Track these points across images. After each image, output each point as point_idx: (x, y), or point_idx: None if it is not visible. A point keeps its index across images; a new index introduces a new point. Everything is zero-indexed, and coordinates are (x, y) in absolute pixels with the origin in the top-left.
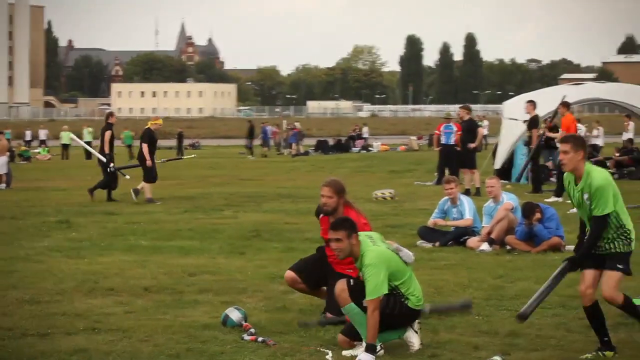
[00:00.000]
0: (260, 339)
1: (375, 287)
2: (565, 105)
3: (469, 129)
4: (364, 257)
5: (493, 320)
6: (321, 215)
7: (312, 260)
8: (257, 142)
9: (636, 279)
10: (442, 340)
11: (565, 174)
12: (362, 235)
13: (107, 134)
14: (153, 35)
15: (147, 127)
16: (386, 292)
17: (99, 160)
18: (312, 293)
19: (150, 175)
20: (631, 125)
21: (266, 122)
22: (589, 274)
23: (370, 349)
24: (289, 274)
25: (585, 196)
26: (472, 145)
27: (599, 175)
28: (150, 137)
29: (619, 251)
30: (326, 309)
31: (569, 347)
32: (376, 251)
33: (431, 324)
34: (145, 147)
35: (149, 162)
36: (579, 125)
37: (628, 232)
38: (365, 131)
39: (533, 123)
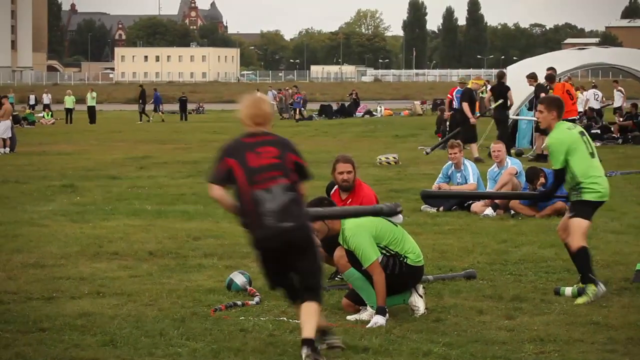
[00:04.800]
0: (239, 302)
1: (366, 253)
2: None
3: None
4: (344, 231)
5: (497, 285)
6: (332, 192)
7: None
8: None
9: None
10: (446, 304)
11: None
12: None
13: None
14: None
15: (467, 86)
16: (378, 254)
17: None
18: (329, 260)
19: (472, 134)
20: (619, 90)
21: (157, 88)
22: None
23: (381, 311)
24: None
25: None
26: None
27: (551, 135)
28: (470, 97)
29: (574, 200)
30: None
31: (573, 312)
32: (353, 221)
33: (436, 288)
34: (465, 105)
35: (473, 120)
36: (581, 94)
37: (580, 184)
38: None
39: (540, 89)
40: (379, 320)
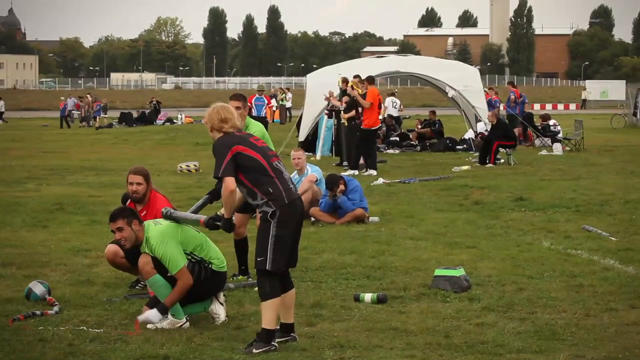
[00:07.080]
0: (38, 312)
1: (174, 260)
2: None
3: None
4: (149, 239)
5: (298, 292)
6: (128, 202)
7: None
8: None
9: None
10: (247, 312)
11: None
12: (148, 221)
13: None
14: None
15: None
16: (186, 260)
17: None
18: (132, 270)
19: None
20: (389, 100)
21: None
22: (240, 216)
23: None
24: (111, 247)
25: None
26: None
27: (259, 128)
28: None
29: None
30: None
31: (372, 318)
32: (158, 230)
33: (236, 296)
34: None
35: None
36: (394, 99)
37: None
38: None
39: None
40: (153, 316)
